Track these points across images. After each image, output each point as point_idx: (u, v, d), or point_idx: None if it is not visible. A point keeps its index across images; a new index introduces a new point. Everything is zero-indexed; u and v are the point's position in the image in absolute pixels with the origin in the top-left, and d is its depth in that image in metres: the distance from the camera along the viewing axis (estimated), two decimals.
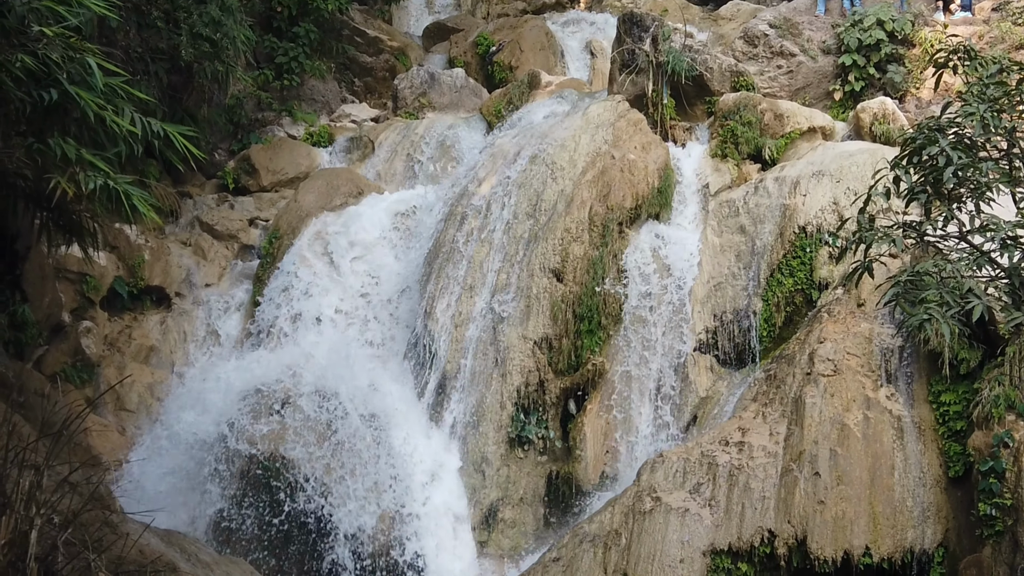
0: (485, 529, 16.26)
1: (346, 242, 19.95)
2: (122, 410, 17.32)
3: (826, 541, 13.46)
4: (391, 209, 20.62)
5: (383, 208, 20.66)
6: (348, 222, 20.29)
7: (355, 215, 20.48)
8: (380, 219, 20.42)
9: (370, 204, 20.80)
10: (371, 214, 20.50)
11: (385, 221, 20.40)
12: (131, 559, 7.02)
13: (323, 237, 19.94)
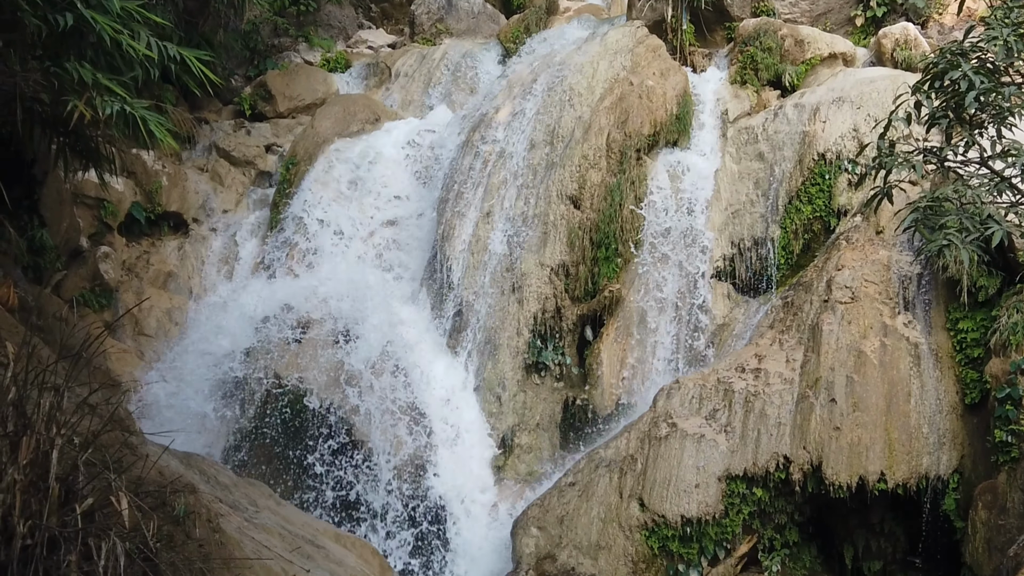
0: (502, 454, 16.36)
1: (363, 169, 19.91)
2: (141, 334, 17.40)
3: (841, 467, 13.51)
4: (408, 136, 20.54)
5: (400, 135, 20.59)
6: (365, 148, 20.23)
7: (372, 142, 20.42)
8: (397, 145, 20.36)
9: (387, 131, 20.73)
10: (388, 141, 20.44)
11: (402, 147, 20.32)
12: (151, 480, 7.09)
13: (340, 163, 19.89)
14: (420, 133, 20.49)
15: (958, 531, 13.18)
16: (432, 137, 20.32)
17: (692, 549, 14.00)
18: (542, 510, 14.40)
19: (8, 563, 5.73)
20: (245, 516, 9.42)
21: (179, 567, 6.89)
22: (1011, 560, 11.32)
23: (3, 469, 5.72)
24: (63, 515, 6.01)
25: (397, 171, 19.94)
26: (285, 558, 9.04)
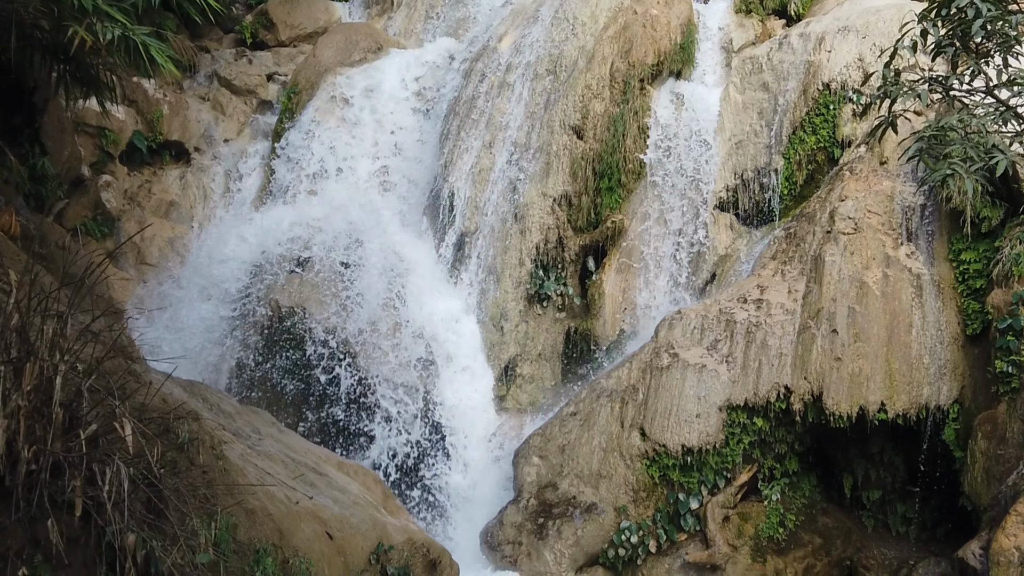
0: (503, 384, 16.42)
1: (365, 98, 19.77)
2: (143, 264, 17.39)
3: (842, 397, 13.57)
4: (410, 65, 20.36)
5: (402, 64, 20.41)
6: (367, 78, 20.07)
7: (374, 71, 20.25)
8: (399, 75, 20.19)
9: (389, 59, 20.55)
10: (390, 70, 20.27)
11: (404, 77, 20.16)
12: (154, 407, 7.11)
13: (342, 93, 19.76)
14: (422, 62, 20.32)
15: (957, 461, 13.26)
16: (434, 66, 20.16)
17: (692, 478, 14.10)
18: (543, 439, 14.49)
19: (13, 488, 5.77)
20: (248, 444, 9.48)
21: (183, 493, 6.94)
22: (1010, 489, 11.40)
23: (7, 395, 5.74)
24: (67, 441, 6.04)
25: (399, 101, 19.80)
26: (288, 485, 9.11)
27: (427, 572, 10.32)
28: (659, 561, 14.02)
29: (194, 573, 6.76)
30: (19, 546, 5.90)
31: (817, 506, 14.88)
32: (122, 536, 6.22)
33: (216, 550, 7.08)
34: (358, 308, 15.42)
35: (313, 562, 8.45)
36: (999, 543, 10.72)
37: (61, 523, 5.98)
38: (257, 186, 19.35)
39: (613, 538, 13.92)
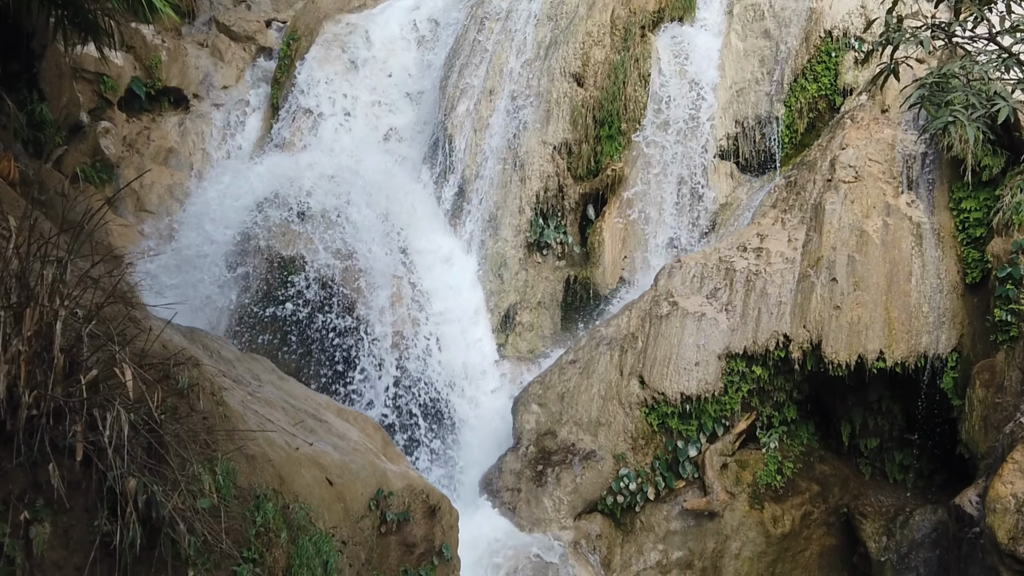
0: (503, 332, 16.45)
1: (364, 44, 19.67)
2: (142, 210, 17.38)
3: (840, 345, 13.59)
4: (411, 11, 20.25)
5: (403, 9, 20.30)
6: (367, 24, 19.97)
7: (374, 16, 20.16)
8: (399, 21, 20.09)
9: (389, 6, 20.44)
10: (391, 16, 20.17)
11: (405, 23, 20.05)
12: (154, 353, 7.12)
13: (341, 39, 19.65)
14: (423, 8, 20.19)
15: (955, 409, 13.31)
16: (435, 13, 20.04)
17: (691, 426, 14.15)
18: (543, 387, 14.52)
19: (14, 432, 5.79)
20: (248, 390, 9.50)
21: (183, 438, 6.96)
22: (1007, 438, 11.44)
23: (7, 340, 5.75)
24: (68, 386, 6.06)
25: (399, 47, 19.71)
26: (288, 431, 9.14)
27: (427, 518, 10.37)
28: (657, 508, 14.10)
29: (195, 518, 6.80)
30: (20, 490, 5.93)
31: (815, 454, 14.96)
32: (123, 481, 6.25)
33: (217, 495, 7.11)
34: (357, 256, 15.40)
35: (313, 507, 8.49)
36: (996, 490, 10.78)
37: (62, 468, 6.01)
38: (256, 133, 19.31)
39: (612, 485, 13.99)
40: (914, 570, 13.77)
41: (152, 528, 6.52)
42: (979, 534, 11.53)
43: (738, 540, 14.20)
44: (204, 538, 6.89)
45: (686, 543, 14.04)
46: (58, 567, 6.15)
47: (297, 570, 7.95)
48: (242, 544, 7.45)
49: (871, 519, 14.39)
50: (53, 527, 6.09)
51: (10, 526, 5.84)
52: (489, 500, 14.09)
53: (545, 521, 13.82)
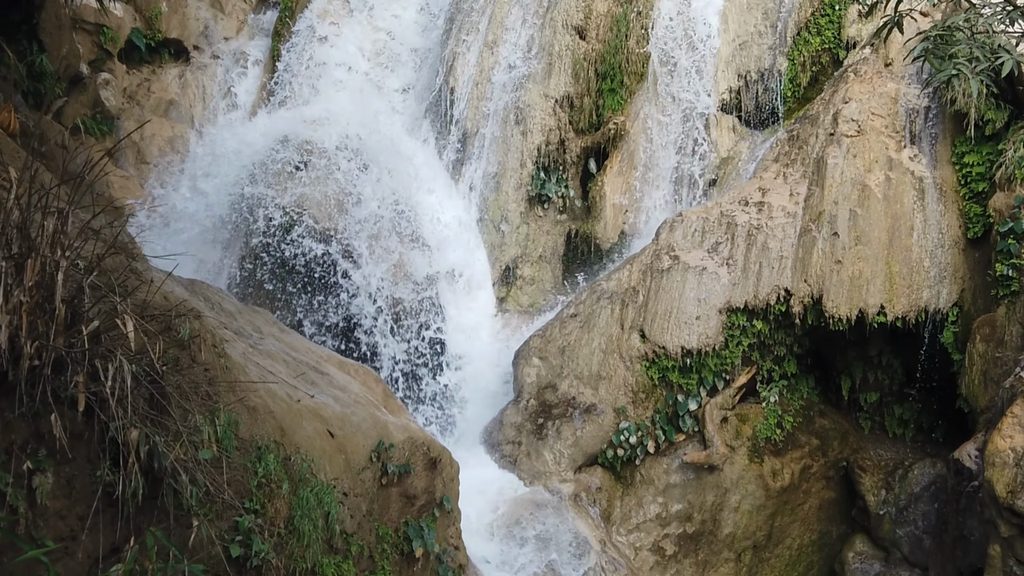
0: (504, 285, 16.46)
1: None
2: (143, 163, 17.33)
3: (841, 300, 13.60)
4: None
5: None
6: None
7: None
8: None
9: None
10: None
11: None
12: (156, 304, 7.12)
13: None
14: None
15: (955, 364, 13.33)
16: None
17: (691, 380, 14.18)
18: (544, 340, 14.54)
19: (16, 383, 5.80)
20: (250, 343, 9.51)
21: (185, 390, 6.98)
22: (1007, 392, 11.47)
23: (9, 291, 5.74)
24: (69, 337, 6.06)
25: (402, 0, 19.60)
26: (290, 383, 9.16)
27: (427, 470, 10.41)
28: (657, 461, 14.16)
29: (197, 469, 6.83)
30: (23, 440, 5.95)
31: (815, 408, 15.01)
32: (125, 431, 6.27)
33: (218, 446, 7.14)
34: (358, 210, 15.38)
35: (315, 459, 8.52)
36: (995, 444, 10.81)
37: (64, 418, 6.02)
38: (257, 85, 19.21)
39: (612, 438, 14.04)
40: (912, 523, 13.85)
41: (154, 478, 6.56)
42: (978, 488, 11.59)
43: (737, 493, 14.27)
44: (206, 489, 6.92)
45: (686, 496, 14.11)
46: (61, 516, 6.18)
47: (299, 521, 7.99)
48: (244, 495, 7.49)
49: (870, 473, 14.47)
50: (56, 477, 6.11)
51: (13, 475, 5.87)
52: (489, 453, 14.16)
53: (545, 474, 13.88)
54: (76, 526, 6.27)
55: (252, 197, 15.23)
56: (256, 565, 7.47)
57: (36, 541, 6.00)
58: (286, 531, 7.88)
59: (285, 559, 7.84)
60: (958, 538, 12.31)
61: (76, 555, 6.29)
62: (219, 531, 7.16)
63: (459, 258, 16.05)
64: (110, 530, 6.47)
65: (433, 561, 10.66)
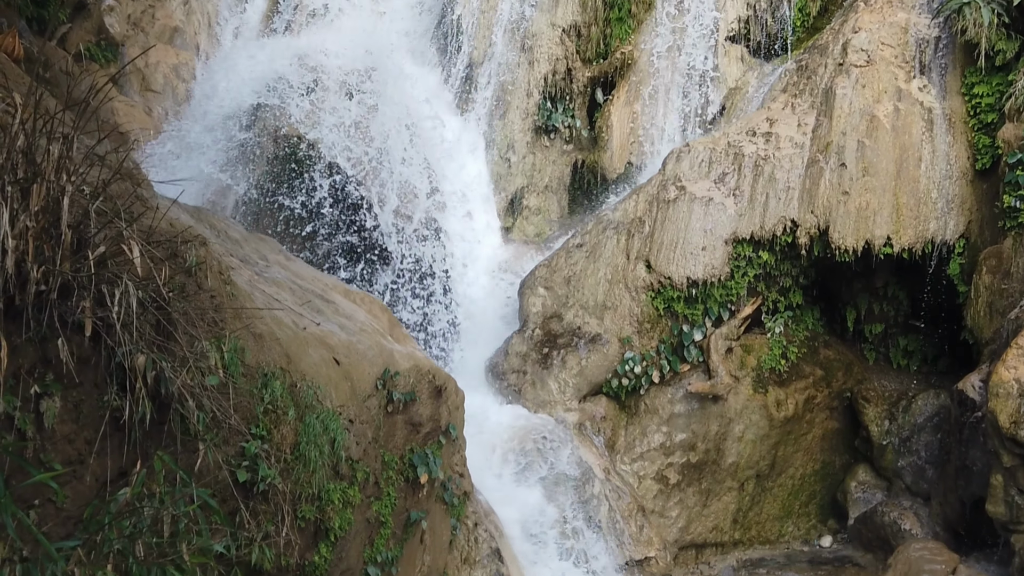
0: (510, 215, 16.44)
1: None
2: (148, 91, 17.22)
3: (848, 231, 13.57)
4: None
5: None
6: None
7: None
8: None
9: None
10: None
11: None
12: (161, 231, 7.10)
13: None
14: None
15: (961, 296, 13.34)
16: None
17: (697, 310, 14.20)
18: (549, 270, 14.55)
19: (23, 307, 5.81)
20: (255, 270, 9.52)
21: (191, 316, 6.99)
22: (1012, 323, 11.48)
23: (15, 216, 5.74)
24: (75, 262, 6.06)
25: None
26: (295, 311, 9.18)
27: (433, 398, 10.46)
28: (662, 391, 14.22)
29: (204, 394, 6.86)
30: (30, 365, 5.97)
31: (819, 339, 15.05)
32: (132, 357, 6.29)
33: (225, 373, 7.17)
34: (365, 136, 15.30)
35: (320, 386, 8.56)
36: (999, 375, 10.85)
37: (71, 343, 6.04)
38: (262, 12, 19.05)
39: (617, 368, 14.09)
40: (915, 453, 13.93)
41: (161, 404, 6.59)
42: (981, 418, 11.64)
43: (741, 423, 14.34)
44: (213, 414, 6.96)
45: (689, 426, 14.19)
46: (69, 441, 6.22)
47: (305, 447, 8.04)
48: (250, 421, 7.54)
49: (874, 403, 14.53)
50: (63, 402, 6.14)
51: (20, 400, 5.90)
52: (495, 382, 14.22)
53: (550, 403, 13.96)
54: (84, 450, 6.32)
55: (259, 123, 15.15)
56: (263, 490, 7.53)
57: (44, 465, 6.04)
58: (292, 457, 7.94)
59: (291, 484, 7.91)
60: (960, 468, 12.39)
61: (84, 479, 6.34)
62: (226, 456, 7.21)
63: (465, 187, 16.00)
64: (118, 454, 6.51)
65: (438, 488, 10.75)
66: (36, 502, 6.06)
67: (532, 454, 13.14)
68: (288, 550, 7.90)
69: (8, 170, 5.83)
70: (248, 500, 7.44)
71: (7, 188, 5.76)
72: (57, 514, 6.18)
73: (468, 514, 11.53)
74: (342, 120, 15.25)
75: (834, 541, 14.87)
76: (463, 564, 11.34)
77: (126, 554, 6.06)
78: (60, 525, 6.17)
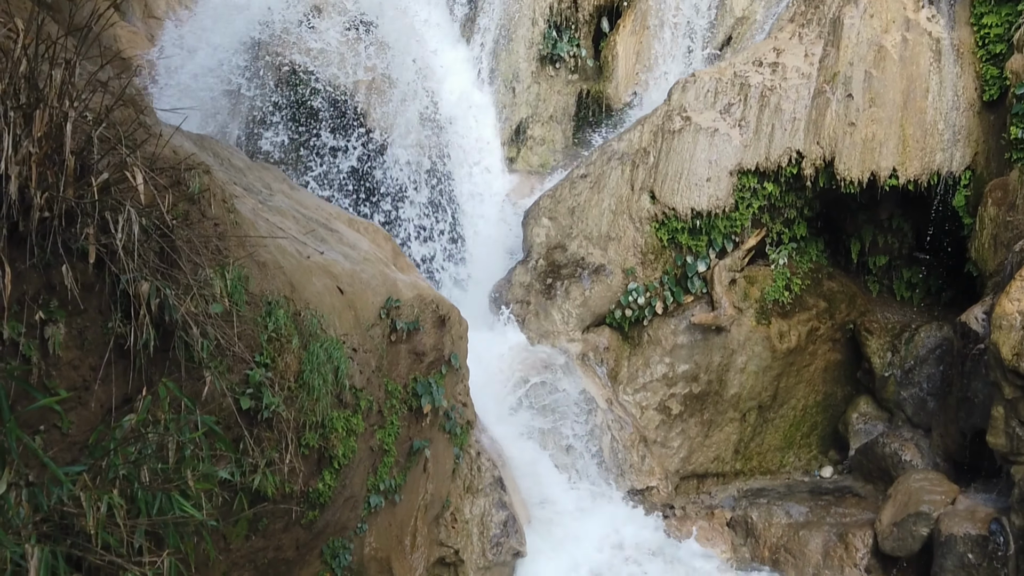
0: (514, 145, 16.37)
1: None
2: (150, 17, 17.08)
3: (853, 162, 13.52)
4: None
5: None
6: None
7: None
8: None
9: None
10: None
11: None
12: (165, 158, 7.07)
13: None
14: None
15: (965, 228, 13.31)
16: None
17: (701, 241, 14.18)
18: (553, 201, 14.51)
19: (27, 233, 5.81)
20: (259, 199, 9.51)
21: (195, 244, 6.99)
22: (1016, 255, 11.46)
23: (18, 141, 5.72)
24: (79, 189, 6.04)
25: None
26: (299, 240, 9.18)
27: (436, 327, 10.48)
28: (665, 322, 14.24)
29: (208, 322, 6.88)
30: (35, 291, 5.97)
31: (823, 271, 15.04)
32: (136, 284, 6.30)
33: (229, 301, 7.18)
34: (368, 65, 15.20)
35: (324, 315, 8.58)
36: (1002, 307, 10.84)
37: (75, 270, 6.04)
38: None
39: (620, 299, 14.11)
40: (917, 385, 13.97)
41: (165, 331, 6.61)
42: (983, 350, 11.66)
43: (744, 354, 14.37)
44: (217, 342, 6.98)
45: (692, 357, 14.22)
46: (73, 367, 6.24)
47: (309, 375, 8.07)
48: (254, 349, 7.56)
49: (877, 335, 14.55)
50: (68, 328, 6.16)
51: (25, 326, 5.91)
52: (498, 312, 14.23)
53: (553, 333, 13.99)
54: (89, 376, 6.34)
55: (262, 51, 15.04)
56: (267, 418, 7.57)
57: (49, 390, 6.07)
58: (296, 385, 7.98)
59: (295, 412, 7.95)
60: (962, 400, 12.43)
61: (89, 405, 6.37)
62: (230, 384, 7.25)
63: (468, 116, 15.92)
64: (122, 381, 6.55)
65: (441, 417, 10.81)
66: (42, 428, 6.10)
67: (535, 384, 13.19)
68: (292, 477, 7.97)
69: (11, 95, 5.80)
70: (252, 427, 7.49)
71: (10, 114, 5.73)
72: (62, 440, 6.22)
73: (471, 443, 11.61)
74: (344, 51, 15.14)
75: (835, 472, 14.97)
76: (466, 492, 11.43)
77: (131, 480, 6.11)
78: (65, 451, 6.21)
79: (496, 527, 11.40)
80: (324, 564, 9.24)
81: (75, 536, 5.72)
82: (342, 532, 9.38)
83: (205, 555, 7.09)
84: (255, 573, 8.23)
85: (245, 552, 8.00)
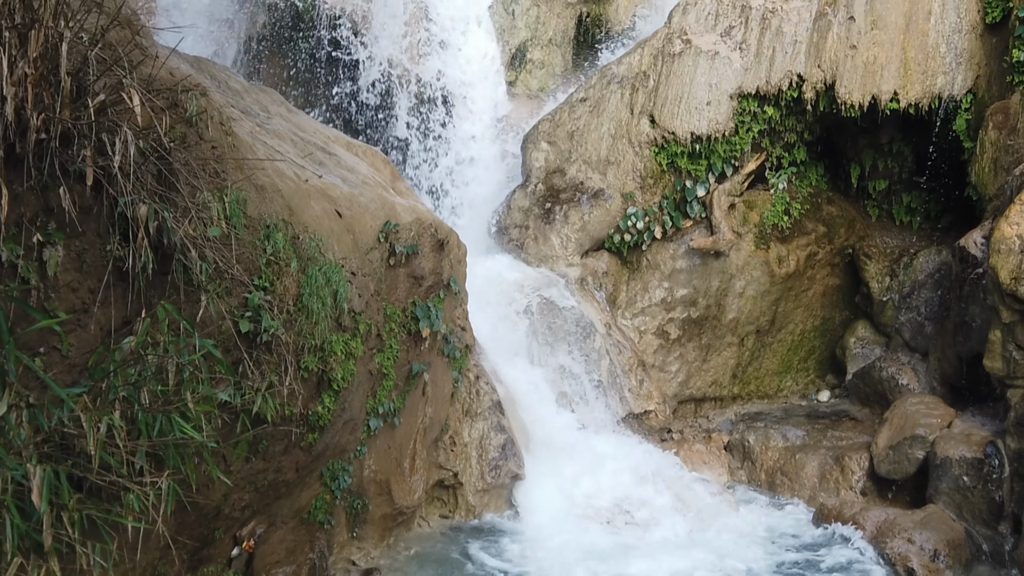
0: (513, 69, 16.25)
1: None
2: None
3: (855, 86, 13.42)
4: None
5: None
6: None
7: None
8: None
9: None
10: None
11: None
12: (161, 79, 7.02)
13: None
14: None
15: (966, 152, 13.25)
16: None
17: (700, 166, 14.13)
18: (553, 125, 14.43)
19: (24, 155, 5.79)
20: (257, 122, 9.46)
21: (193, 166, 6.97)
22: (1016, 179, 11.43)
23: (13, 62, 5.67)
24: (75, 110, 6.02)
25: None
26: (297, 163, 9.14)
27: (435, 251, 10.48)
28: (664, 247, 14.23)
29: (206, 245, 6.88)
30: (33, 213, 5.97)
31: (823, 195, 15.00)
32: (134, 206, 6.29)
33: (227, 224, 7.18)
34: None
35: (323, 239, 8.57)
36: (1001, 231, 10.83)
37: (73, 192, 6.03)
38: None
39: (619, 223, 14.09)
40: (915, 309, 14.00)
41: (164, 254, 6.61)
42: (982, 275, 11.66)
43: (743, 279, 14.38)
44: (215, 265, 6.99)
45: (691, 281, 14.23)
46: (72, 289, 6.25)
47: (307, 299, 8.09)
48: (253, 272, 7.57)
49: (875, 260, 14.56)
50: (66, 250, 6.16)
51: (23, 248, 5.91)
52: (497, 237, 14.23)
53: (552, 258, 13.99)
54: (88, 299, 6.36)
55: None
56: (266, 341, 7.60)
57: (49, 313, 6.09)
58: (295, 308, 8.00)
59: (294, 336, 7.98)
60: (959, 324, 12.46)
61: (88, 327, 6.39)
62: (229, 307, 7.27)
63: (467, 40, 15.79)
64: (121, 303, 6.56)
65: (440, 341, 10.85)
66: (41, 350, 6.12)
67: (533, 308, 13.22)
68: (292, 400, 8.01)
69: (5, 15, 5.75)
70: (251, 351, 7.52)
71: (4, 34, 5.69)
72: (62, 361, 6.25)
73: (470, 367, 11.65)
74: None
75: (832, 396, 15.05)
76: (464, 416, 11.50)
77: (132, 401, 6.14)
78: (65, 373, 6.24)
79: (495, 450, 11.47)
80: (324, 486, 9.32)
81: (76, 457, 5.77)
82: (341, 455, 9.45)
83: (206, 476, 7.15)
84: (255, 495, 8.31)
85: (245, 474, 8.07)
